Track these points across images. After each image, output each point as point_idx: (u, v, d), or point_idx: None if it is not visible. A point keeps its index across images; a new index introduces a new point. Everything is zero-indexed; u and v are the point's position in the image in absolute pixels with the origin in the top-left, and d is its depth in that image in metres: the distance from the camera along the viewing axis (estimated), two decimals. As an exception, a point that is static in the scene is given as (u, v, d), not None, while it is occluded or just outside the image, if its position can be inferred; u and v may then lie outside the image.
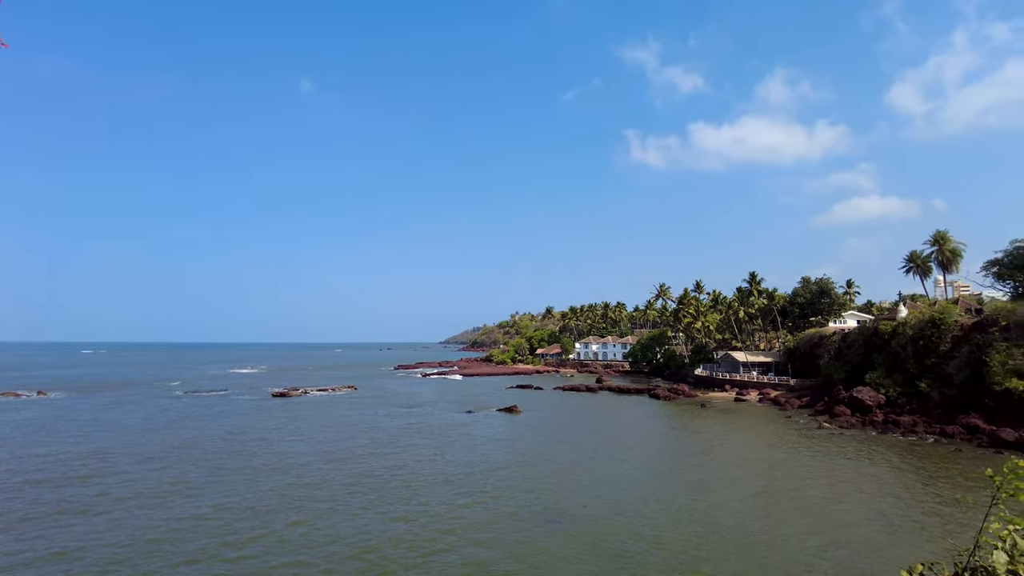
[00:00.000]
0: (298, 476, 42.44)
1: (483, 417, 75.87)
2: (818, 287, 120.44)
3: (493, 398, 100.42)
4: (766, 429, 65.96)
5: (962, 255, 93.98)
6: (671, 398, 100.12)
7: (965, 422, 58.30)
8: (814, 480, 41.26)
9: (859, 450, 52.51)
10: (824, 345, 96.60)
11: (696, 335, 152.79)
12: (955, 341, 66.43)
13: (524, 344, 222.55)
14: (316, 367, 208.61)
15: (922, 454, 50.65)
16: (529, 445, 55.08)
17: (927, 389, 66.30)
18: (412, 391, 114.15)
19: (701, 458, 48.86)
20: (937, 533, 29.95)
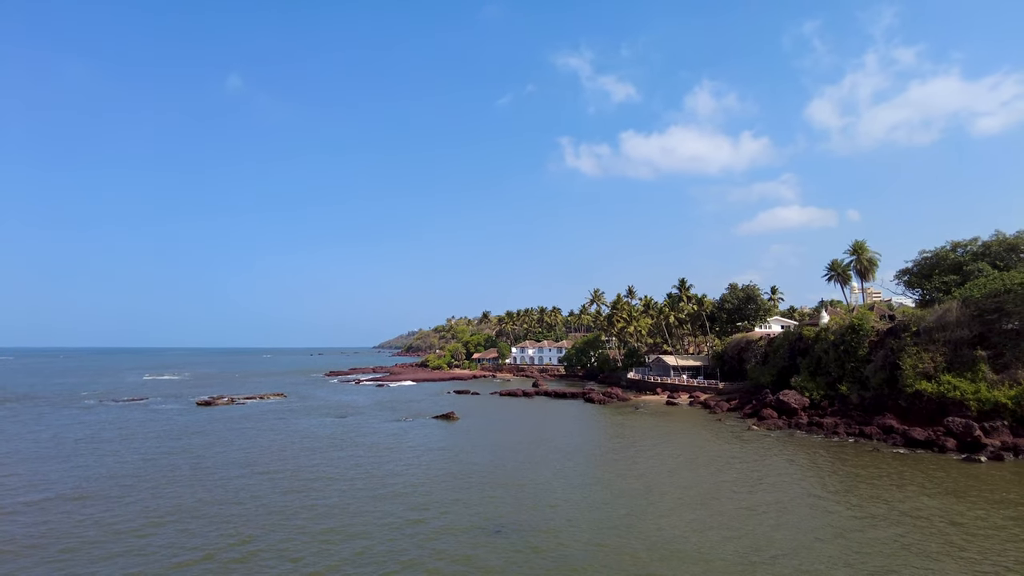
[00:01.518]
0: (224, 493, 40.02)
1: (419, 425, 74.32)
2: (745, 293, 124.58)
3: (429, 405, 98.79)
4: (698, 432, 67.30)
5: (878, 264, 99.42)
6: (605, 402, 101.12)
7: (881, 423, 61.18)
8: (752, 484, 42.08)
9: (787, 452, 54.13)
10: (751, 349, 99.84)
11: (629, 339, 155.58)
12: (872, 346, 69.73)
13: (461, 349, 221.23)
14: (243, 374, 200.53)
15: (843, 454, 52.66)
16: (466, 453, 54.10)
17: (847, 392, 69.31)
18: (345, 399, 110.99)
19: (638, 464, 49.16)
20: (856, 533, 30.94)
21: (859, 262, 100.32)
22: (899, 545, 29.32)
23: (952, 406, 56.57)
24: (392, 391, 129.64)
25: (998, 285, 61.21)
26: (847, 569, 26.26)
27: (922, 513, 34.52)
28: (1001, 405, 53.93)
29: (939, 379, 58.77)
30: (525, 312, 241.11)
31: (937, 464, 48.45)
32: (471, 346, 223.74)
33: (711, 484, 41.63)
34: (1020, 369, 55.40)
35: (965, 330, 60.40)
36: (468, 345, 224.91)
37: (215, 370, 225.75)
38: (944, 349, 60.96)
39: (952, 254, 79.35)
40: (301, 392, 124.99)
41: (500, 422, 77.52)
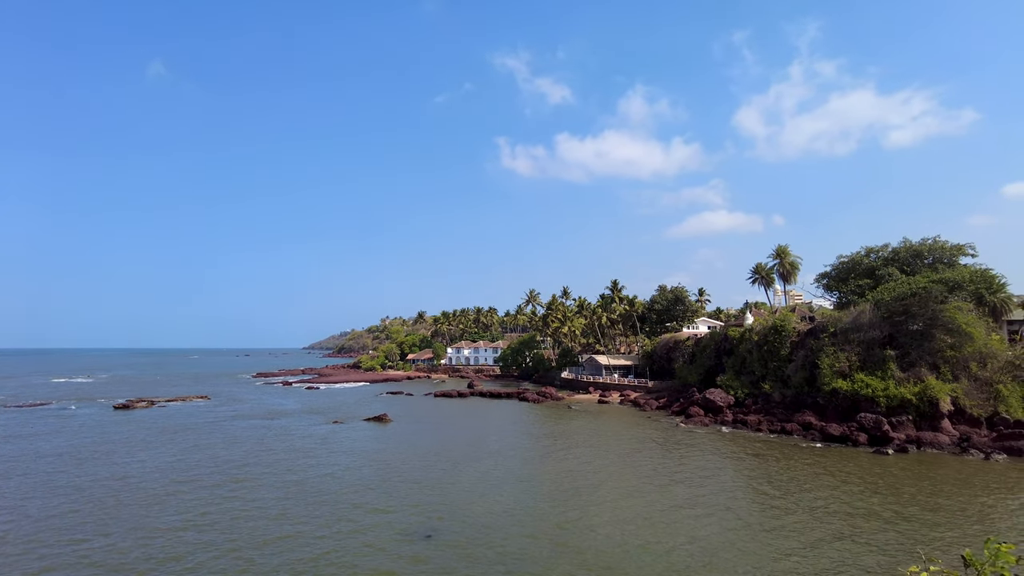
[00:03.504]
0: (145, 503, 37.64)
1: (349, 428, 72.53)
2: (674, 295, 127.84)
3: (361, 407, 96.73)
4: (629, 430, 68.36)
5: (799, 268, 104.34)
6: (540, 401, 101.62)
7: (801, 419, 63.84)
8: (677, 480, 42.90)
9: (712, 448, 55.64)
10: (679, 349, 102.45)
11: (563, 339, 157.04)
12: (793, 346, 72.74)
13: (395, 349, 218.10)
14: (166, 375, 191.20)
15: (764, 450, 54.60)
16: (398, 456, 53.03)
17: (770, 390, 72.03)
18: (273, 401, 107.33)
19: (569, 462, 49.41)
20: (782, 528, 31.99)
21: (782, 266, 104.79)
22: (794, 532, 30.76)
23: (864, 403, 59.59)
24: (323, 393, 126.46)
25: (905, 289, 65.07)
26: (747, 557, 27.09)
27: (823, 504, 36.07)
28: (906, 401, 57.20)
29: (853, 377, 61.82)
30: (461, 312, 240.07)
31: (849, 457, 50.85)
32: (406, 347, 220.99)
33: (638, 482, 42.21)
34: (923, 367, 59.03)
35: (876, 331, 63.78)
36: (403, 346, 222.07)
37: (135, 372, 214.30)
38: (858, 349, 64.17)
39: (866, 259, 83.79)
40: (227, 394, 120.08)
41: (434, 424, 76.59)
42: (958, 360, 58.72)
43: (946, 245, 79.17)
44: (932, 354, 59.75)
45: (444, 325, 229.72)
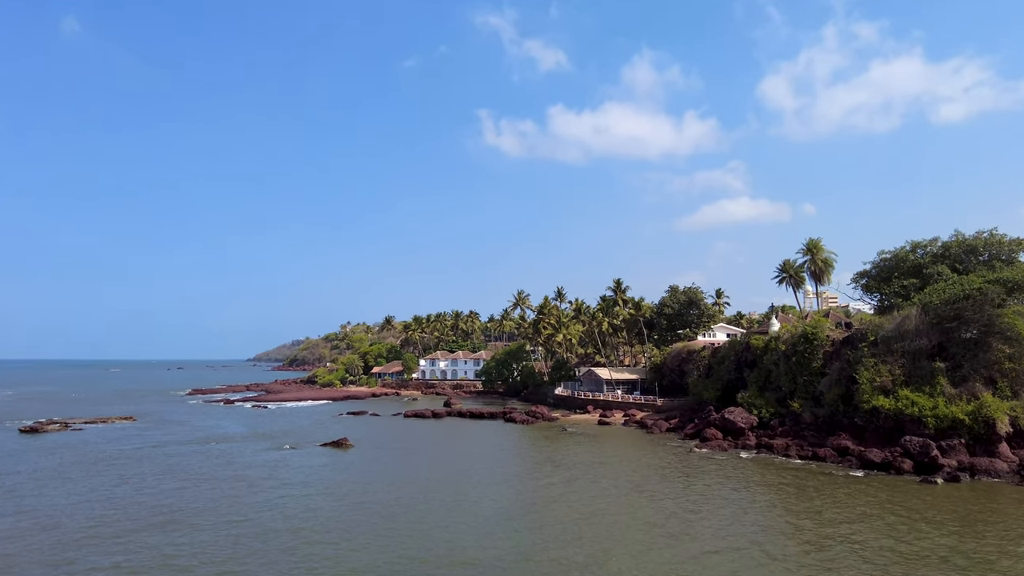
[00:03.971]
0: (57, 551, 37.04)
1: (303, 455, 72.02)
2: (687, 297, 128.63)
3: (318, 430, 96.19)
4: (634, 457, 68.46)
5: (833, 265, 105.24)
6: (529, 422, 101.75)
7: (836, 443, 64.35)
8: (695, 522, 42.95)
9: (733, 479, 55.82)
10: (693, 361, 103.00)
11: (557, 349, 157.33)
12: (826, 357, 73.35)
13: (357, 361, 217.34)
14: (83, 393, 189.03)
15: (794, 481, 54.84)
16: (360, 488, 52.70)
17: (799, 409, 72.58)
18: (212, 423, 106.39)
19: (571, 497, 49.30)
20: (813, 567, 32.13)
21: (814, 263, 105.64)
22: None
23: (910, 424, 60.14)
24: (271, 413, 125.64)
25: (957, 290, 65.60)
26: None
27: (867, 541, 36.29)
28: (958, 422, 57.79)
29: (897, 394, 62.36)
30: (436, 317, 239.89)
31: (892, 487, 51.25)
32: (370, 358, 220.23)
33: (654, 522, 42.16)
34: (978, 382, 59.62)
35: (924, 339, 64.40)
36: (367, 357, 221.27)
37: (47, 388, 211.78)
38: (902, 361, 64.78)
39: (911, 255, 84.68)
40: (157, 415, 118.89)
41: (404, 450, 76.24)
42: (1018, 374, 59.36)
43: (1004, 239, 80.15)
44: (988, 367, 60.40)
45: (416, 332, 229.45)
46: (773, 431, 73.69)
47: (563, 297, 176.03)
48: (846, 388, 68.32)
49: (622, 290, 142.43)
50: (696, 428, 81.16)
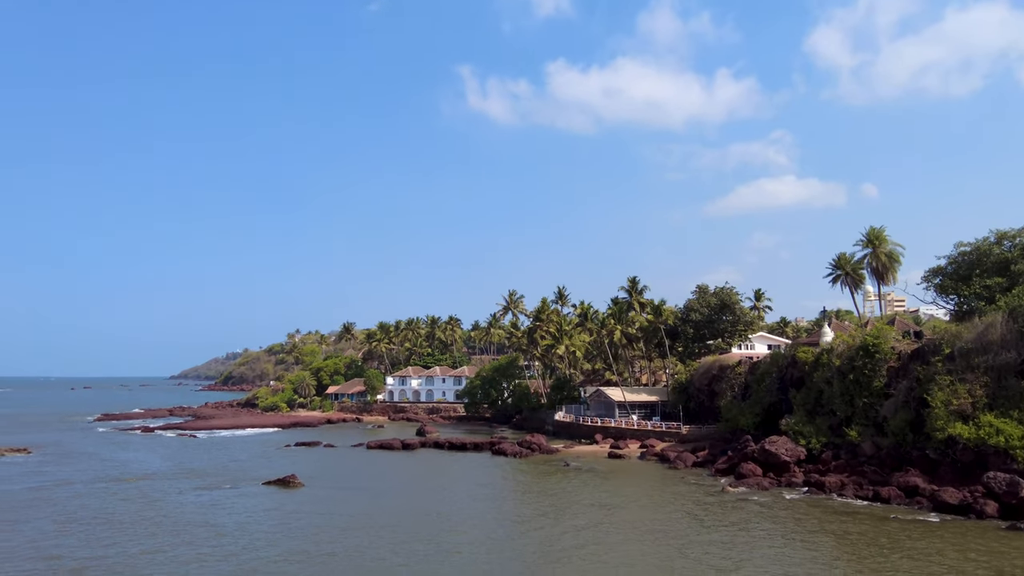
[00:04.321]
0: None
1: (241, 496, 71.64)
2: (719, 299, 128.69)
3: (259, 465, 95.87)
4: (657, 499, 68.43)
5: (900, 261, 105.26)
6: (523, 455, 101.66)
7: (902, 481, 64.41)
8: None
9: (776, 528, 55.69)
10: (726, 379, 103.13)
11: (558, 364, 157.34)
12: (892, 375, 73.43)
13: (308, 380, 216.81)
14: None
15: (852, 528, 54.75)
16: (311, 539, 52.38)
17: (858, 438, 72.71)
18: (127, 456, 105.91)
19: (576, 555, 48.81)
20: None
21: (875, 257, 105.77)
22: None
23: (994, 456, 60.29)
24: (202, 444, 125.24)
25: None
26: None
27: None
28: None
29: (978, 420, 62.46)
30: (408, 325, 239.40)
31: (974, 534, 51.19)
32: (325, 375, 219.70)
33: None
34: (1079, 405, 59.86)
35: (1012, 353, 64.54)
36: (320, 374, 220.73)
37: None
38: (985, 379, 64.87)
39: (997, 249, 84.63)
40: (57, 446, 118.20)
41: (366, 490, 76.10)
42: None
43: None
44: (1091, 386, 60.55)
45: (382, 343, 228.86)
46: (825, 465, 73.76)
47: (565, 300, 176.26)
48: (915, 413, 68.37)
49: (638, 291, 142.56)
50: (730, 462, 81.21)
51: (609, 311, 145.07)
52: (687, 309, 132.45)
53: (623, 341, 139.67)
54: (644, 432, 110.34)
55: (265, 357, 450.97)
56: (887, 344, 75.60)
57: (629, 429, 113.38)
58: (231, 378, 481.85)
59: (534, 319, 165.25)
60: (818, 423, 78.74)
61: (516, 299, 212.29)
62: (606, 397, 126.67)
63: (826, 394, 79.63)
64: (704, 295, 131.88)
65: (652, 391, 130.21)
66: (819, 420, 79.09)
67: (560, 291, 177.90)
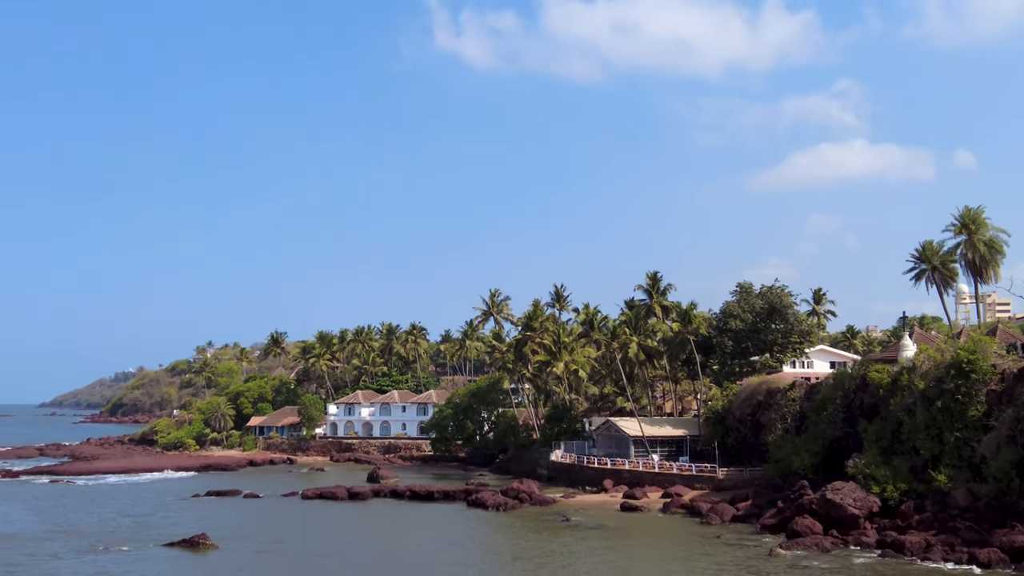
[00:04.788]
0: None
1: (135, 562, 71.52)
2: (766, 302, 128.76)
3: (159, 521, 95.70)
4: (681, 566, 68.26)
5: (1004, 252, 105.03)
6: (509, 507, 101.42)
7: (1007, 540, 64.17)
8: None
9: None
10: (776, 406, 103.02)
11: (555, 387, 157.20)
12: (992, 401, 73.68)
13: (225, 408, 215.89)
14: None
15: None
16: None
17: (948, 485, 72.72)
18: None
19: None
20: None
21: (972, 247, 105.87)
22: None
23: None
24: (82, 493, 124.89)
25: None
26: None
27: None
28: None
29: (1106, 460, 62.95)
30: (357, 336, 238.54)
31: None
32: (246, 402, 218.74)
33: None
34: None
35: None
36: (240, 400, 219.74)
37: None
38: (1114, 406, 65.37)
39: None
40: None
41: (300, 555, 75.87)
42: None
43: None
44: None
45: (323, 360, 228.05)
46: (905, 520, 73.49)
47: (564, 303, 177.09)
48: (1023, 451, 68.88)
49: (661, 291, 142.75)
50: (780, 516, 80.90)
51: (622, 317, 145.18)
52: (725, 315, 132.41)
53: (641, 357, 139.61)
54: (668, 476, 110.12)
55: (167, 378, 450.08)
56: (987, 361, 75.72)
57: (648, 473, 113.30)
58: (121, 406, 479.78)
59: (524, 328, 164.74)
60: (896, 465, 78.66)
61: (500, 302, 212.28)
62: (618, 431, 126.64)
63: (906, 426, 79.56)
64: (747, 296, 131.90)
65: (678, 423, 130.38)
66: (897, 461, 79.04)
67: (558, 291, 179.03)
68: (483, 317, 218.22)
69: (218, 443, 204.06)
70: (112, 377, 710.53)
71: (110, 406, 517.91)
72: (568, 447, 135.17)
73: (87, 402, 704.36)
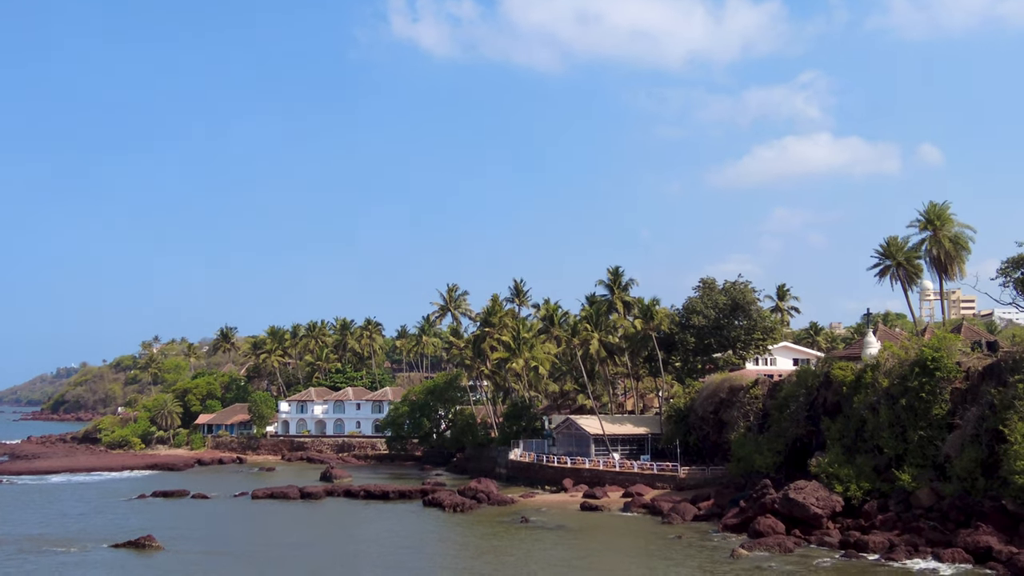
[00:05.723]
0: None
1: (79, 565, 71.03)
2: (729, 299, 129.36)
3: (102, 522, 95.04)
4: (642, 568, 68.71)
5: (969, 248, 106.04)
6: (466, 507, 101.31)
7: (971, 540, 64.95)
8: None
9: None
10: (738, 404, 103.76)
11: (514, 385, 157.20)
12: (957, 399, 74.49)
13: (171, 405, 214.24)
14: None
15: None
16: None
17: (912, 484, 73.42)
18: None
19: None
20: None
21: (937, 243, 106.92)
22: None
23: (1090, 508, 61.57)
24: (21, 494, 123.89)
25: None
26: None
27: None
28: None
29: (1070, 459, 63.72)
30: (309, 331, 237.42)
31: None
32: (194, 399, 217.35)
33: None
34: None
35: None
36: (188, 397, 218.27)
37: None
38: (1080, 404, 66.20)
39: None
40: None
41: (249, 557, 75.80)
42: None
43: None
44: None
45: (274, 356, 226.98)
46: (868, 520, 74.24)
47: (524, 298, 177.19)
48: (988, 450, 69.13)
49: (622, 287, 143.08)
50: (743, 515, 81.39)
51: (583, 313, 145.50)
52: (687, 311, 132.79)
53: (602, 354, 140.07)
54: (629, 476, 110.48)
55: (111, 374, 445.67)
56: (951, 359, 76.50)
57: (609, 472, 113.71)
58: (63, 403, 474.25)
59: (482, 323, 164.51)
60: (859, 464, 79.24)
61: (458, 297, 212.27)
62: (579, 429, 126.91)
63: (870, 425, 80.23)
64: (710, 292, 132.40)
65: (640, 421, 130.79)
66: (861, 460, 79.66)
67: (517, 286, 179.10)
68: (440, 312, 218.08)
69: (165, 442, 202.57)
70: (54, 373, 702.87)
71: (51, 403, 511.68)
72: (527, 446, 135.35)
73: (27, 399, 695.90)
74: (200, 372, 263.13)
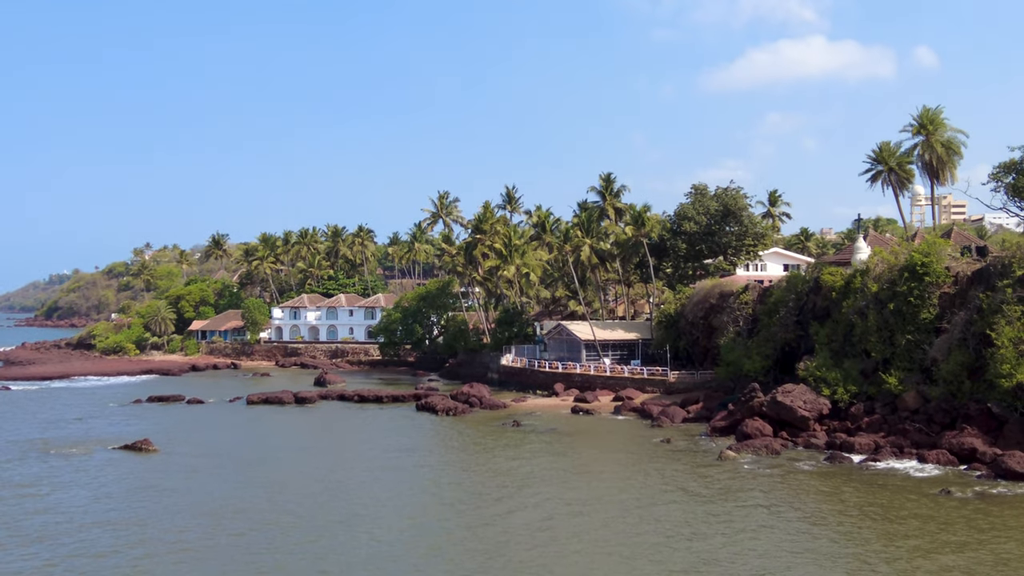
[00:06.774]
0: None
1: (79, 467, 71.46)
2: (720, 204, 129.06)
3: (99, 426, 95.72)
4: (631, 471, 69.28)
5: (961, 153, 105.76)
6: (459, 411, 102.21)
7: (956, 442, 65.88)
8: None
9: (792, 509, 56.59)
10: (728, 310, 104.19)
11: (506, 291, 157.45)
12: (944, 304, 74.88)
13: (165, 311, 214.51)
14: None
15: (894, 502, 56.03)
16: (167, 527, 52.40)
17: (898, 387, 74.19)
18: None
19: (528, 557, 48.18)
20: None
21: (929, 148, 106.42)
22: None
23: (1073, 410, 62.23)
24: (18, 399, 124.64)
25: None
26: None
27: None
28: None
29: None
30: (302, 238, 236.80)
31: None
32: (187, 306, 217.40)
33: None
34: None
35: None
36: (181, 304, 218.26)
37: None
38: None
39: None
40: None
41: (244, 460, 76.20)
42: None
43: None
44: None
45: (266, 263, 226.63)
46: (855, 422, 75.25)
47: (516, 205, 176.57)
48: (975, 354, 69.81)
49: (614, 193, 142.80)
50: (731, 418, 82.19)
51: (575, 220, 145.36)
52: (679, 217, 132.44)
53: (593, 260, 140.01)
54: (619, 380, 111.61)
55: (103, 281, 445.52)
56: (940, 263, 76.70)
57: (600, 376, 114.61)
58: (57, 309, 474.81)
59: (474, 230, 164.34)
60: (847, 367, 79.74)
61: (449, 203, 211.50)
62: (570, 335, 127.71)
63: (858, 329, 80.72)
64: (701, 198, 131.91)
65: (631, 327, 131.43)
66: (848, 363, 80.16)
67: (509, 193, 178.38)
68: (432, 219, 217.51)
69: (159, 348, 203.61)
70: (46, 280, 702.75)
71: (45, 309, 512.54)
72: (519, 351, 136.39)
73: (20, 305, 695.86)
74: (193, 279, 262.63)
